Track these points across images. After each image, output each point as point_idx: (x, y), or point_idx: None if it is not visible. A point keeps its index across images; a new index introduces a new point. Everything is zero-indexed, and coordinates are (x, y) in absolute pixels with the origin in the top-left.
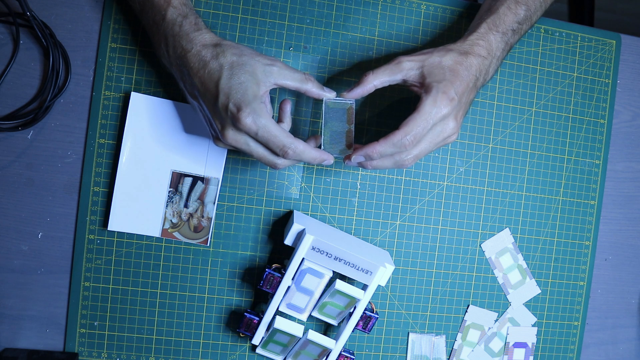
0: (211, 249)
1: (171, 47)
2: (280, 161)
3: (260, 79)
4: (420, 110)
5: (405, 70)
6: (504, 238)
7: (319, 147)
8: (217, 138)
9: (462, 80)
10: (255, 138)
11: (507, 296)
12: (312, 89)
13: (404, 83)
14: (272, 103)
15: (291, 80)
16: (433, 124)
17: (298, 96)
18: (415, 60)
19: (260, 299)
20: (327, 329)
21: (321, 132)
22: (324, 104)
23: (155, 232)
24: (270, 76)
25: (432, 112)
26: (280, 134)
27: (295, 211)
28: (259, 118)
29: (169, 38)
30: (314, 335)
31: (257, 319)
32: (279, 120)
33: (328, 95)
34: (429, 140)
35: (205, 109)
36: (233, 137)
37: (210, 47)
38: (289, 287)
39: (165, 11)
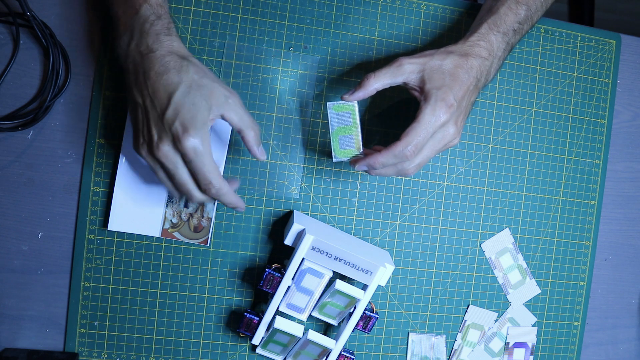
0: (211, 249)
1: (135, 41)
2: (197, 195)
3: (212, 105)
4: (419, 120)
5: (406, 73)
6: (504, 238)
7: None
8: (147, 145)
9: (461, 84)
10: (187, 163)
11: (507, 296)
12: (250, 140)
13: (404, 85)
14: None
15: (238, 119)
16: (433, 132)
17: (299, 95)
18: (416, 63)
19: (260, 299)
20: (327, 329)
21: (329, 138)
22: (328, 110)
23: (155, 232)
24: (222, 108)
25: (432, 121)
26: (213, 170)
27: (295, 211)
28: (200, 146)
29: (135, 32)
30: (314, 335)
31: (257, 319)
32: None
33: (259, 156)
34: (430, 148)
35: (148, 112)
36: (166, 152)
37: (176, 57)
38: (289, 287)
39: (140, 6)
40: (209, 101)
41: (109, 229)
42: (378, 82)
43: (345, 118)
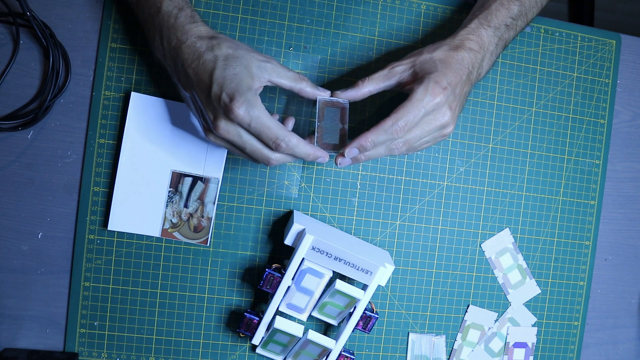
0: (211, 249)
1: (166, 39)
2: (274, 156)
3: (254, 74)
4: (411, 98)
5: (398, 73)
6: (504, 238)
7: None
8: (209, 130)
9: (454, 71)
10: (248, 130)
11: (507, 296)
12: (306, 88)
13: (399, 86)
14: (273, 104)
15: (285, 79)
16: (425, 112)
17: (298, 95)
18: (406, 63)
19: (260, 299)
20: (327, 329)
21: (314, 131)
22: (317, 103)
23: (155, 232)
24: (264, 72)
25: (424, 100)
26: (273, 125)
27: (295, 211)
28: (252, 109)
29: (163, 30)
30: (314, 335)
31: (257, 319)
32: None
33: (322, 94)
34: (421, 127)
35: (197, 99)
36: (225, 128)
37: (206, 39)
38: (289, 287)
39: (161, 3)
40: (249, 69)
41: (109, 229)
42: (371, 84)
43: (333, 115)
